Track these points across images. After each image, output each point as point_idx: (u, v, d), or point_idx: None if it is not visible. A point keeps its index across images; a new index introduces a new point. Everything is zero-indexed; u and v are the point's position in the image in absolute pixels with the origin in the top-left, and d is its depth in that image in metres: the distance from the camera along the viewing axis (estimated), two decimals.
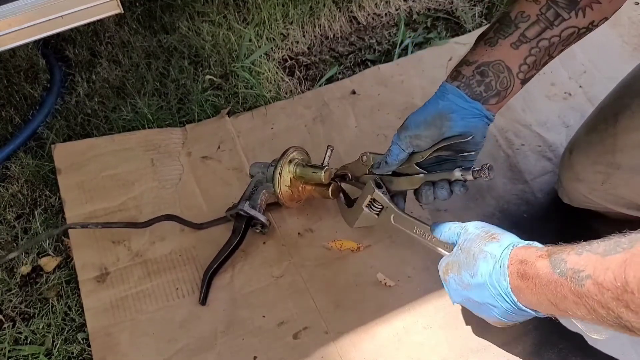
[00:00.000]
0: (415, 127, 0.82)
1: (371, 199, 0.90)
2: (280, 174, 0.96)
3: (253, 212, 0.97)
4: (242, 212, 0.97)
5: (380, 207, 0.90)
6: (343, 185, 0.98)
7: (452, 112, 0.80)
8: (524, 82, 0.80)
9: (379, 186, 0.90)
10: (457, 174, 0.82)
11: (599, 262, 0.58)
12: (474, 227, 0.78)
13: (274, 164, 0.98)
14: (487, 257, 0.73)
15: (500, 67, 0.79)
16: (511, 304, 0.71)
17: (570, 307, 0.62)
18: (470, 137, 0.81)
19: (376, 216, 0.90)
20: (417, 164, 0.86)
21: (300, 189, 0.99)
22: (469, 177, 0.81)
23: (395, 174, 0.89)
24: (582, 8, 0.76)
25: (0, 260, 0.97)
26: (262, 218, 0.97)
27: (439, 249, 0.84)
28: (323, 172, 0.95)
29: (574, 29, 0.78)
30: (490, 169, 0.79)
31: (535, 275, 0.66)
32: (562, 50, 0.80)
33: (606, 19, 0.79)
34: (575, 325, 0.89)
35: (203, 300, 0.94)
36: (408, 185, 0.88)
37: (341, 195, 0.97)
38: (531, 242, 0.73)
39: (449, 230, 0.81)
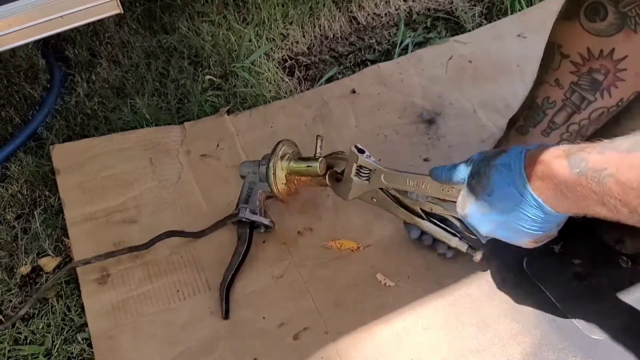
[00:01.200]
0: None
1: (357, 166, 0.89)
2: (274, 173, 0.96)
3: (255, 218, 0.96)
4: (244, 220, 0.96)
5: (368, 171, 0.89)
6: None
7: None
8: None
9: (361, 151, 0.89)
10: (455, 243, 0.88)
11: (622, 159, 0.56)
12: (479, 154, 0.75)
13: (265, 162, 0.97)
14: (499, 169, 0.70)
15: None
16: (537, 207, 0.67)
17: (592, 206, 0.61)
18: None
19: (367, 182, 0.89)
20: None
21: (296, 182, 0.99)
22: (462, 249, 0.88)
23: (398, 201, 0.90)
24: (607, 88, 0.77)
25: (10, 320, 0.95)
26: (266, 221, 0.97)
27: (440, 196, 0.81)
28: (318, 164, 0.94)
29: (603, 110, 0.78)
30: (483, 257, 0.88)
31: (553, 175, 0.64)
32: (596, 129, 0.81)
33: (638, 92, 0.78)
34: (575, 325, 0.90)
35: (226, 315, 0.92)
36: (404, 216, 0.90)
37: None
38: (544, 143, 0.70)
39: (449, 170, 0.78)
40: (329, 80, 1.27)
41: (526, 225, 0.71)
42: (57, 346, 0.92)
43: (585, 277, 0.95)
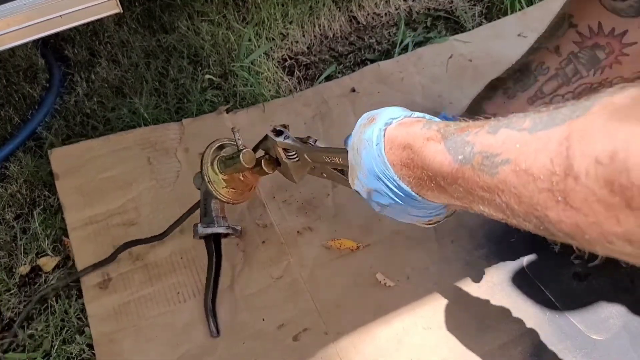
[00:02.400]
0: None
1: (282, 149, 0.85)
2: (210, 181, 0.91)
3: (210, 230, 0.92)
4: (201, 234, 0.92)
5: (294, 152, 0.84)
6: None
7: None
8: None
9: (279, 133, 0.84)
10: None
11: (524, 140, 0.41)
12: (362, 117, 0.64)
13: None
14: (365, 145, 0.58)
15: None
16: (410, 198, 0.56)
17: (476, 203, 0.48)
18: None
19: (299, 162, 0.84)
20: None
21: (242, 178, 0.93)
22: None
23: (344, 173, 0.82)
24: (602, 67, 0.74)
25: (13, 329, 0.95)
26: (223, 230, 0.93)
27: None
28: (241, 156, 0.87)
29: (587, 85, 0.76)
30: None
31: (425, 165, 0.51)
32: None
33: (622, 78, 0.75)
34: (575, 325, 0.89)
35: (216, 332, 0.91)
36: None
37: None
38: (412, 113, 0.59)
39: (348, 137, 0.66)
40: (328, 79, 1.27)
41: (408, 212, 0.60)
42: (56, 346, 0.92)
43: (585, 277, 0.95)
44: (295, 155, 0.84)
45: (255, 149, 0.90)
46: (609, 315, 0.91)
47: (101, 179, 1.10)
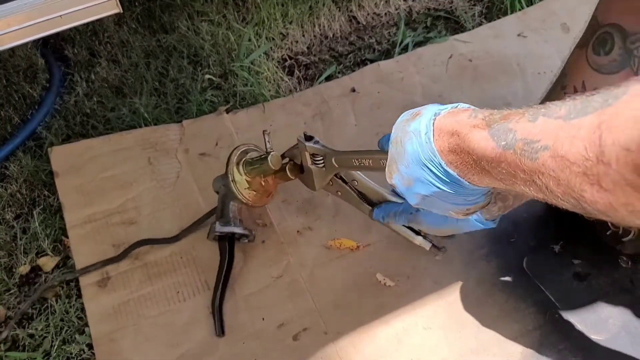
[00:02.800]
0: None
1: (310, 154, 0.87)
2: (233, 180, 0.93)
3: (227, 229, 0.94)
4: (217, 234, 0.94)
5: (321, 157, 0.86)
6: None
7: None
8: None
9: (309, 138, 0.87)
10: (418, 241, 0.90)
11: (561, 127, 0.45)
12: (402, 115, 0.66)
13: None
14: (411, 137, 0.61)
15: None
16: (454, 183, 0.59)
17: (518, 184, 0.51)
18: None
19: (324, 169, 0.87)
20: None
21: (263, 183, 0.95)
22: (426, 247, 0.90)
23: (362, 195, 0.89)
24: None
25: (11, 322, 0.95)
26: (239, 229, 0.94)
27: (379, 170, 0.76)
28: (269, 159, 0.89)
29: None
30: (443, 251, 0.91)
31: (471, 150, 0.54)
32: None
33: None
34: (574, 325, 0.89)
35: (221, 332, 0.91)
36: (367, 212, 0.89)
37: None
38: (458, 104, 0.62)
39: (386, 138, 0.70)
40: (328, 79, 1.27)
41: (449, 200, 0.62)
42: (55, 347, 0.92)
43: (585, 277, 0.95)
44: (321, 161, 0.87)
45: (282, 155, 0.92)
46: (609, 315, 0.91)
47: (101, 178, 1.10)
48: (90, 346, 0.92)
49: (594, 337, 0.89)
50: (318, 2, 1.37)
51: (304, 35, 1.35)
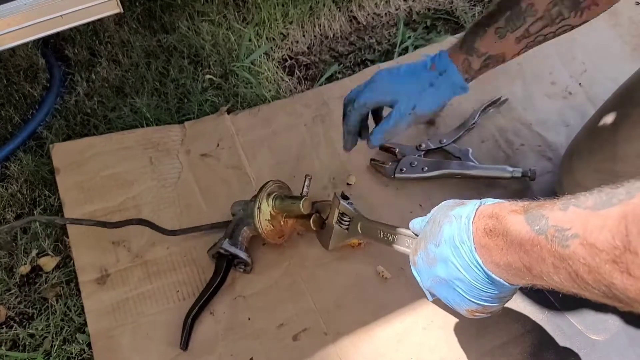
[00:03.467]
0: (426, 116, 0.86)
1: (339, 212, 0.91)
2: (259, 207, 0.93)
3: (233, 250, 0.93)
4: (222, 251, 0.94)
5: (349, 219, 0.90)
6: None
7: (453, 99, 0.86)
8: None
9: (345, 197, 0.91)
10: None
11: (590, 217, 0.48)
12: (444, 202, 0.71)
13: (254, 199, 0.95)
14: (451, 219, 0.65)
15: (500, 59, 0.84)
16: (477, 269, 0.62)
17: (548, 271, 0.53)
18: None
19: (346, 231, 0.91)
20: None
21: (282, 223, 0.96)
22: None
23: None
24: (582, 9, 0.79)
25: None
26: (243, 255, 0.94)
27: (403, 247, 0.80)
28: (302, 202, 0.91)
29: (568, 26, 0.82)
30: None
31: (506, 231, 0.57)
32: (550, 39, 0.84)
33: (597, 14, 0.82)
34: (575, 326, 0.90)
35: (185, 345, 0.90)
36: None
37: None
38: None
39: (420, 220, 0.75)
40: (329, 79, 1.27)
41: (464, 289, 0.65)
42: (56, 346, 0.92)
43: None
44: (347, 223, 0.91)
45: (312, 203, 0.95)
46: (609, 315, 0.91)
47: (102, 176, 1.10)
48: (90, 346, 0.92)
49: (594, 337, 0.89)
50: (318, 2, 1.37)
51: (304, 36, 1.35)
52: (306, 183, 0.95)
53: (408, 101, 0.85)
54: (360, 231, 0.89)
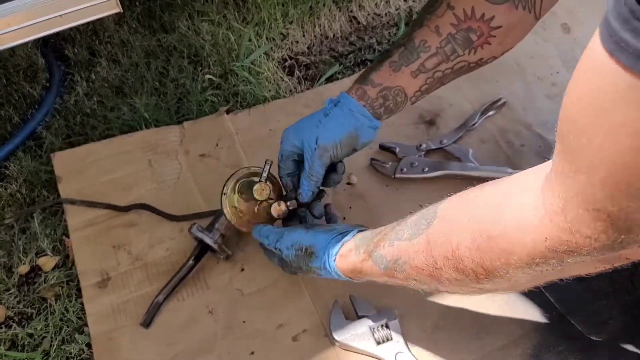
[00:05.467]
0: (333, 147, 0.87)
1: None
2: (225, 193, 0.90)
3: (200, 235, 0.93)
4: (190, 233, 0.94)
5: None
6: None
7: (361, 131, 0.87)
8: (413, 103, 0.89)
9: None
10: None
11: (409, 247, 0.65)
12: (286, 248, 0.84)
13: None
14: (321, 271, 0.82)
15: (400, 92, 0.86)
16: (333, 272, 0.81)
17: (402, 285, 0.71)
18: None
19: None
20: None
21: (255, 211, 0.92)
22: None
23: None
24: (475, 47, 0.83)
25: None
26: (210, 241, 0.93)
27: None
28: (255, 187, 0.88)
29: (465, 63, 0.86)
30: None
31: (366, 275, 0.75)
32: (452, 79, 0.88)
33: (494, 58, 0.87)
34: (574, 327, 0.89)
35: (146, 324, 0.91)
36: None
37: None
38: (345, 235, 0.79)
39: (260, 235, 0.89)
40: (329, 79, 1.27)
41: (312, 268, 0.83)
42: (54, 347, 0.92)
43: (585, 277, 0.95)
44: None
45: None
46: (609, 316, 0.91)
47: (103, 181, 1.09)
48: (89, 346, 0.92)
49: (594, 337, 0.89)
50: (318, 2, 1.37)
51: (304, 36, 1.35)
52: (265, 168, 0.90)
53: (310, 135, 0.87)
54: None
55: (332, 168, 0.91)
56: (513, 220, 0.53)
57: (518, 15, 0.81)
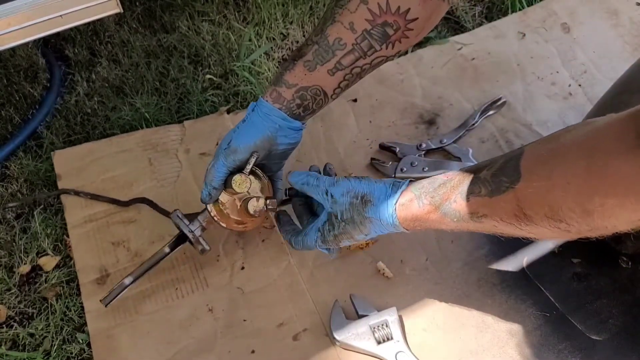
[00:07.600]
0: (245, 151, 0.85)
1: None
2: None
3: (177, 222, 0.91)
4: (171, 218, 0.92)
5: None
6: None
7: (277, 133, 0.85)
8: (334, 99, 0.88)
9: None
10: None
11: (490, 203, 0.66)
12: (341, 195, 0.79)
13: None
14: (374, 222, 0.77)
15: (318, 91, 0.84)
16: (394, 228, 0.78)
17: (473, 230, 0.72)
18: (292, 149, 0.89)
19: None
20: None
21: (239, 207, 0.89)
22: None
23: None
24: (392, 42, 0.81)
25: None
26: (186, 230, 0.90)
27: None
28: (233, 177, 0.85)
29: (383, 58, 0.84)
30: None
31: (434, 224, 0.74)
32: (369, 73, 0.86)
33: (412, 46, 0.86)
34: (574, 326, 0.90)
35: (106, 302, 0.89)
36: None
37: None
38: (400, 185, 0.76)
39: (305, 176, 0.83)
40: None
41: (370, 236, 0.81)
42: (55, 346, 0.92)
43: (585, 277, 0.95)
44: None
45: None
46: (609, 315, 0.91)
47: (102, 179, 1.10)
48: (90, 345, 0.92)
49: (594, 337, 0.89)
50: (318, 3, 1.37)
51: (304, 36, 1.35)
52: (250, 160, 0.86)
53: (226, 139, 0.87)
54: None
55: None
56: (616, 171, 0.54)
57: (433, 5, 0.79)
